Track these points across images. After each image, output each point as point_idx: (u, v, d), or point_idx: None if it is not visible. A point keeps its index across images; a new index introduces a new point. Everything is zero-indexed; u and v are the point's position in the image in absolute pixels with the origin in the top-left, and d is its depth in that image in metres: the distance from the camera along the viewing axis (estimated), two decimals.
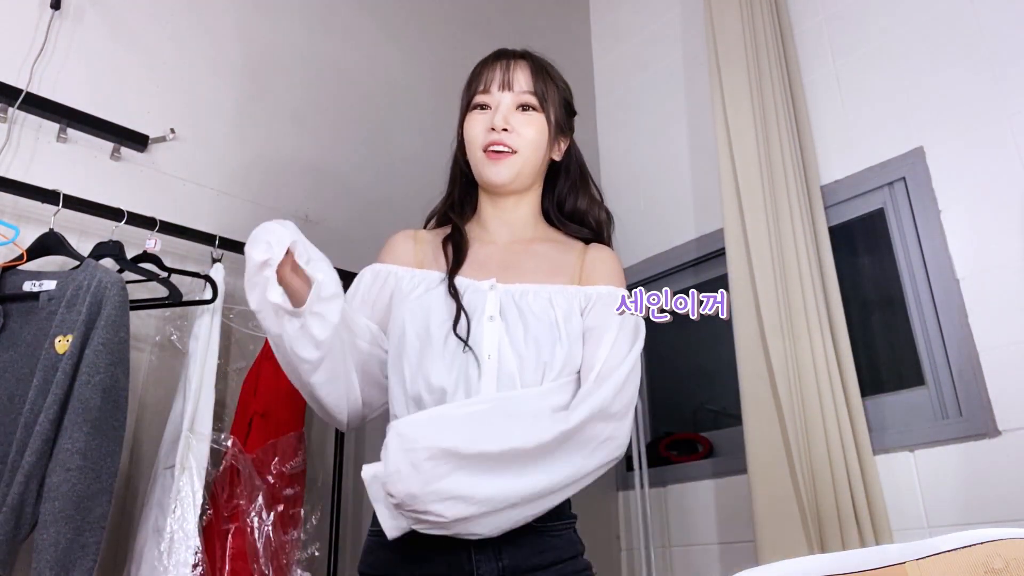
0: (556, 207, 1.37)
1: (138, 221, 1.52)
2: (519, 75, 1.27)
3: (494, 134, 1.23)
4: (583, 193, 1.37)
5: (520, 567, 1.09)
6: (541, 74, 1.29)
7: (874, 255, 2.05)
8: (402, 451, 1.00)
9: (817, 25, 2.24)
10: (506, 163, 1.23)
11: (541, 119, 1.26)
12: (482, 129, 1.24)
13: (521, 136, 1.24)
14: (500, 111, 1.24)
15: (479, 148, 1.24)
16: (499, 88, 1.25)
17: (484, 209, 1.32)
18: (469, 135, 1.27)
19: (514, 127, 1.24)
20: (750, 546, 1.83)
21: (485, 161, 1.24)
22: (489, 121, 1.24)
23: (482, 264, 1.24)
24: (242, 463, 1.49)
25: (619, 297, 1.23)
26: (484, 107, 1.27)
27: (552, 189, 1.37)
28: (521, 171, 1.25)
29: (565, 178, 1.37)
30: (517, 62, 1.28)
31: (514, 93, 1.26)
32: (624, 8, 2.88)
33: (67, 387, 1.23)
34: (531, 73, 1.27)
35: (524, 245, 1.29)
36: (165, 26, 1.80)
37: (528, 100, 1.26)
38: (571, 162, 1.37)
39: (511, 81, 1.26)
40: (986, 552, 0.66)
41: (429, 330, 1.15)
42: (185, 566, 1.33)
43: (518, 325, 1.16)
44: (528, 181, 1.29)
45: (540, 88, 1.27)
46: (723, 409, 2.29)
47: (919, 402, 1.84)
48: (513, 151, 1.23)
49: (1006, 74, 1.82)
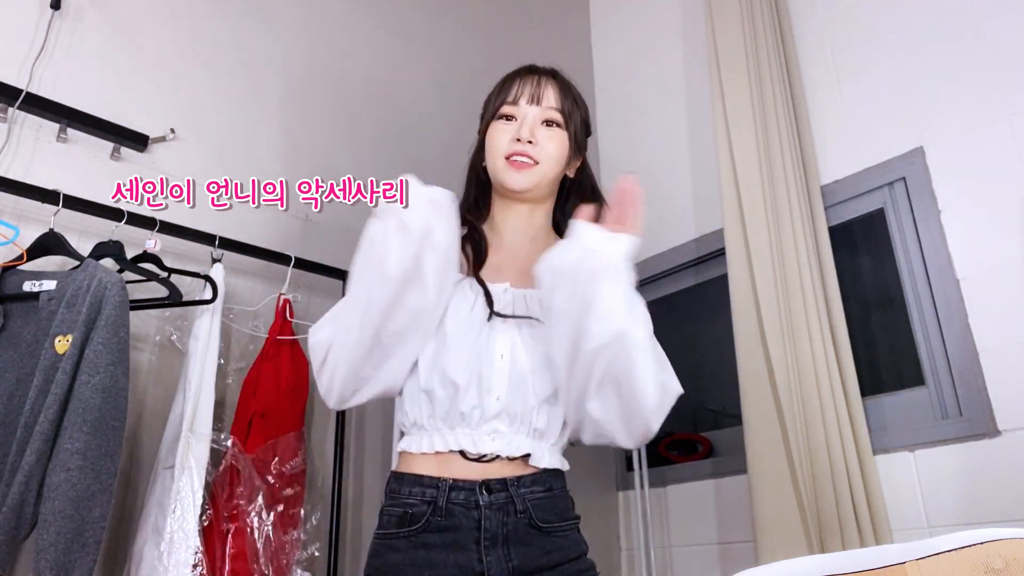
0: (568, 220, 1.39)
1: (138, 221, 1.52)
2: (548, 92, 1.30)
3: (519, 144, 1.26)
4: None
5: (529, 567, 1.10)
6: (568, 94, 1.32)
7: (874, 255, 2.05)
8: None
9: (817, 25, 2.23)
10: (527, 172, 1.26)
11: (564, 136, 1.30)
12: (507, 139, 1.27)
13: (544, 149, 1.27)
14: (527, 123, 1.27)
15: (502, 155, 1.27)
16: (528, 102, 1.29)
17: (498, 215, 1.35)
18: (493, 142, 1.29)
19: (538, 140, 1.27)
20: (750, 546, 1.83)
21: (507, 168, 1.26)
22: (515, 132, 1.27)
23: (497, 268, 1.27)
24: (242, 463, 1.49)
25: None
26: (510, 118, 1.29)
27: (564, 204, 1.40)
28: (540, 182, 1.28)
29: (578, 195, 1.40)
30: (547, 79, 1.32)
31: (541, 108, 1.29)
32: (624, 8, 2.88)
33: (67, 387, 1.23)
34: (559, 91, 1.31)
35: (536, 253, 1.31)
36: (165, 26, 1.80)
37: (554, 116, 1.29)
38: (584, 179, 1.40)
39: (540, 96, 1.29)
40: (986, 552, 0.66)
41: (445, 327, 1.16)
42: (185, 566, 1.33)
43: (531, 327, 1.18)
44: (544, 192, 1.32)
45: (567, 106, 1.30)
46: (723, 409, 2.29)
47: (919, 402, 1.84)
48: (535, 162, 1.26)
49: (1006, 74, 1.82)
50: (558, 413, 1.18)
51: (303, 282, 1.84)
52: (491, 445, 1.13)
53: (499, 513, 1.11)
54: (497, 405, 1.13)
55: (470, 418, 1.13)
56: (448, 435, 1.14)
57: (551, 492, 1.16)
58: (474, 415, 1.13)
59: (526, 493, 1.13)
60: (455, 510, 1.11)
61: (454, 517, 1.10)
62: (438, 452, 1.14)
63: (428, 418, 1.16)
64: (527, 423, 1.15)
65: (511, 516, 1.11)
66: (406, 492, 1.14)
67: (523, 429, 1.15)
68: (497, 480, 1.12)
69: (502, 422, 1.14)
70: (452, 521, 1.10)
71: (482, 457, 1.13)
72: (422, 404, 1.16)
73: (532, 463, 1.15)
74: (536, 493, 1.14)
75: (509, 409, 1.14)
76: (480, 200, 1.37)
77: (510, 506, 1.12)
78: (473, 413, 1.13)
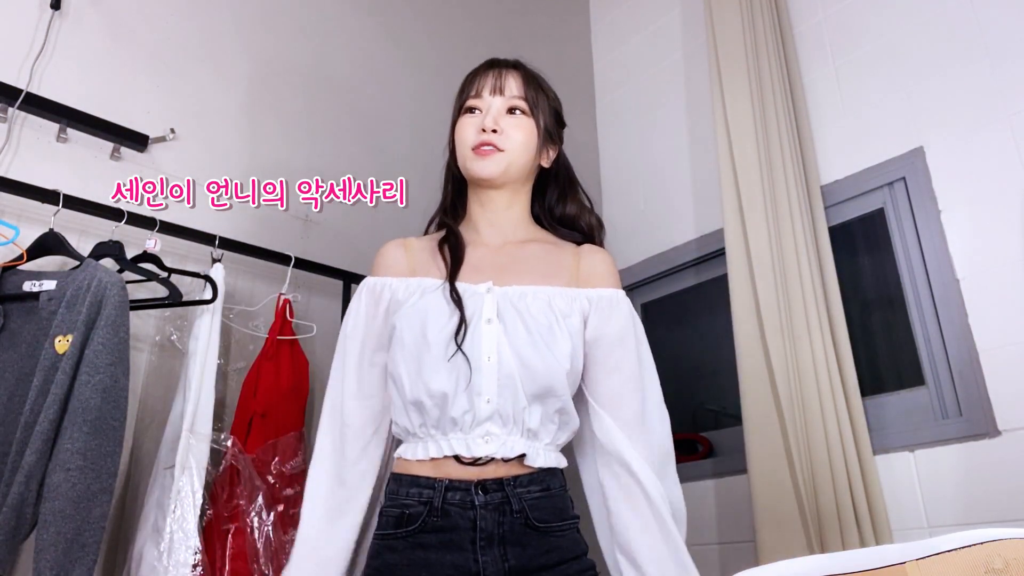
0: (547, 213, 1.40)
1: (138, 221, 1.52)
2: (511, 81, 1.30)
3: (484, 135, 1.25)
4: (572, 200, 1.41)
5: (526, 567, 1.10)
6: (532, 83, 1.32)
7: (874, 255, 2.05)
8: None
9: (817, 25, 2.23)
10: (493, 159, 1.25)
11: (530, 123, 1.29)
12: (473, 130, 1.27)
13: (509, 138, 1.26)
14: (490, 113, 1.27)
15: (468, 147, 1.27)
16: (490, 93, 1.29)
17: (474, 211, 1.34)
18: (460, 136, 1.29)
19: (503, 128, 1.26)
20: (750, 546, 1.83)
21: (474, 158, 1.26)
22: (480, 123, 1.27)
23: (476, 267, 1.25)
24: (242, 463, 1.49)
25: (624, 301, 1.27)
26: (475, 110, 1.30)
27: (542, 196, 1.40)
28: (508, 169, 1.27)
29: (554, 185, 1.40)
30: (509, 70, 1.32)
31: (505, 98, 1.29)
32: (624, 8, 2.88)
33: (67, 387, 1.23)
34: (522, 81, 1.31)
35: (517, 247, 1.31)
36: (165, 26, 1.80)
37: (518, 104, 1.29)
38: (560, 169, 1.40)
39: (502, 87, 1.29)
40: (986, 552, 0.66)
41: (427, 336, 1.15)
42: (185, 566, 1.33)
43: (518, 326, 1.17)
44: (515, 180, 1.31)
45: (531, 95, 1.30)
46: (723, 409, 2.29)
47: (919, 402, 1.84)
48: (500, 150, 1.26)
49: (1006, 74, 1.81)
50: (551, 412, 1.17)
51: (303, 282, 1.84)
52: (485, 448, 1.12)
53: (495, 513, 1.10)
54: (488, 408, 1.12)
55: (462, 423, 1.12)
56: (442, 441, 1.13)
57: (548, 491, 1.15)
58: (466, 420, 1.12)
59: (523, 493, 1.13)
60: (451, 510, 1.10)
61: (450, 517, 1.10)
62: (433, 459, 1.13)
63: (420, 427, 1.15)
64: (520, 424, 1.14)
65: (507, 516, 1.11)
66: (403, 493, 1.13)
67: (516, 430, 1.14)
68: (493, 480, 1.12)
69: (495, 424, 1.13)
70: (448, 521, 1.10)
71: (477, 460, 1.12)
72: (411, 415, 1.15)
73: (528, 463, 1.14)
74: (533, 492, 1.13)
75: (501, 411, 1.13)
76: (457, 201, 1.37)
77: (506, 506, 1.11)
78: (465, 418, 1.12)
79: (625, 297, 1.28)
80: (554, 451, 1.19)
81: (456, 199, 1.38)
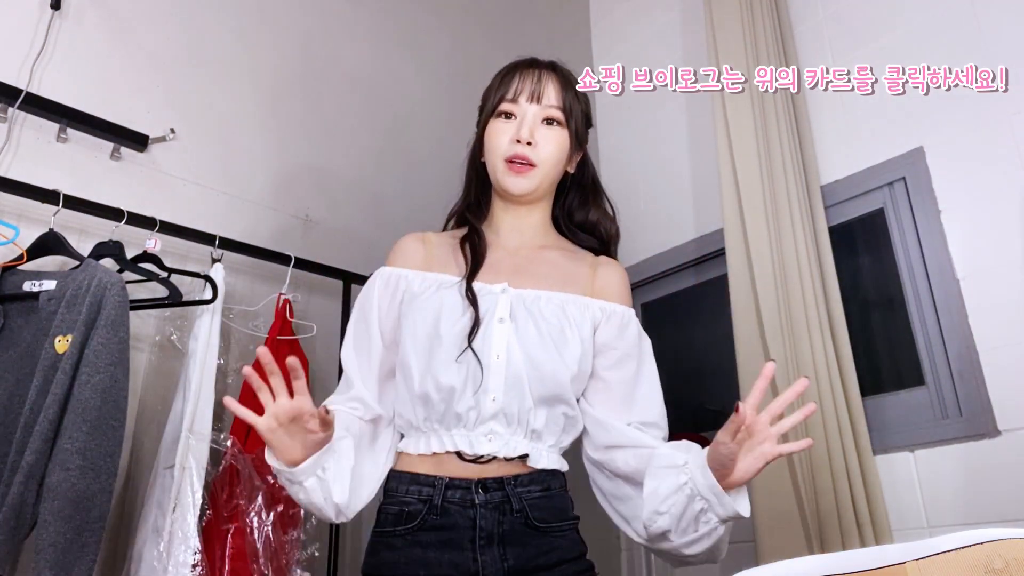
0: (567, 216, 1.39)
1: (138, 221, 1.53)
2: (549, 88, 1.27)
3: (518, 146, 1.23)
4: (595, 206, 1.39)
5: (525, 567, 1.09)
6: (569, 88, 1.29)
7: (874, 255, 2.05)
8: None
9: (817, 25, 2.23)
10: (527, 176, 1.24)
11: (564, 134, 1.27)
12: (506, 139, 1.25)
13: (543, 150, 1.25)
14: (526, 123, 1.24)
15: (501, 158, 1.25)
16: (528, 99, 1.26)
17: (497, 214, 1.33)
18: (492, 143, 1.27)
19: (538, 141, 1.24)
20: (750, 546, 1.83)
21: (507, 171, 1.24)
22: (514, 132, 1.24)
23: (493, 268, 1.25)
24: (242, 463, 1.49)
25: (633, 321, 1.27)
26: (510, 116, 1.27)
27: (564, 199, 1.38)
28: (541, 184, 1.26)
29: (578, 190, 1.38)
30: (548, 74, 1.29)
31: (541, 106, 1.26)
32: (624, 8, 2.88)
33: (67, 387, 1.23)
34: (560, 87, 1.28)
35: (534, 251, 1.30)
36: (165, 26, 1.80)
37: (555, 115, 1.26)
38: (585, 175, 1.38)
39: (540, 94, 1.26)
40: (986, 552, 0.66)
41: (439, 331, 1.15)
42: (184, 566, 1.33)
43: (529, 327, 1.17)
44: (544, 192, 1.31)
45: (567, 103, 1.27)
46: (723, 409, 2.28)
47: (919, 402, 1.84)
48: (534, 165, 1.24)
49: (1006, 74, 1.81)
50: (556, 415, 1.17)
51: (303, 282, 1.84)
52: (488, 446, 1.12)
53: (495, 512, 1.10)
54: (494, 406, 1.12)
55: (467, 419, 1.13)
56: (444, 436, 1.13)
57: (549, 491, 1.15)
58: (470, 416, 1.13)
59: (523, 492, 1.12)
60: (451, 508, 1.10)
61: (450, 516, 1.10)
62: (435, 453, 1.14)
63: (424, 420, 1.15)
64: (524, 424, 1.14)
65: (507, 515, 1.11)
66: (403, 490, 1.13)
67: (520, 430, 1.14)
68: (493, 479, 1.12)
69: (499, 423, 1.13)
70: (448, 520, 1.10)
71: (479, 458, 1.12)
72: (417, 408, 1.15)
73: (530, 464, 1.14)
74: (533, 492, 1.13)
75: (506, 410, 1.13)
76: (481, 199, 1.36)
77: (506, 505, 1.11)
78: (469, 415, 1.13)
79: (635, 317, 1.28)
80: (556, 453, 1.19)
81: (480, 197, 1.36)
